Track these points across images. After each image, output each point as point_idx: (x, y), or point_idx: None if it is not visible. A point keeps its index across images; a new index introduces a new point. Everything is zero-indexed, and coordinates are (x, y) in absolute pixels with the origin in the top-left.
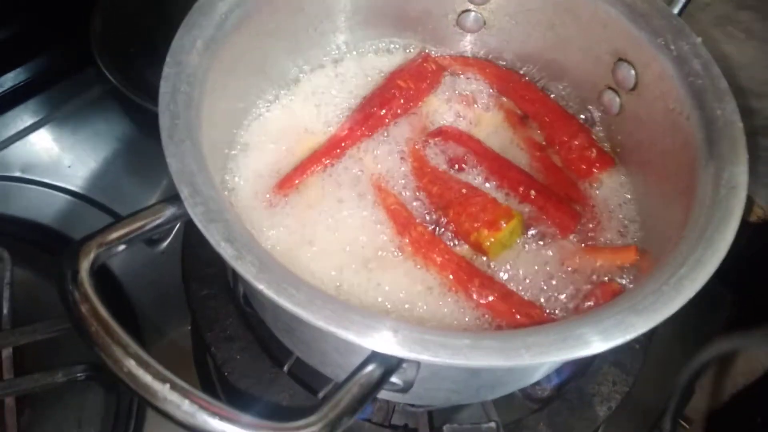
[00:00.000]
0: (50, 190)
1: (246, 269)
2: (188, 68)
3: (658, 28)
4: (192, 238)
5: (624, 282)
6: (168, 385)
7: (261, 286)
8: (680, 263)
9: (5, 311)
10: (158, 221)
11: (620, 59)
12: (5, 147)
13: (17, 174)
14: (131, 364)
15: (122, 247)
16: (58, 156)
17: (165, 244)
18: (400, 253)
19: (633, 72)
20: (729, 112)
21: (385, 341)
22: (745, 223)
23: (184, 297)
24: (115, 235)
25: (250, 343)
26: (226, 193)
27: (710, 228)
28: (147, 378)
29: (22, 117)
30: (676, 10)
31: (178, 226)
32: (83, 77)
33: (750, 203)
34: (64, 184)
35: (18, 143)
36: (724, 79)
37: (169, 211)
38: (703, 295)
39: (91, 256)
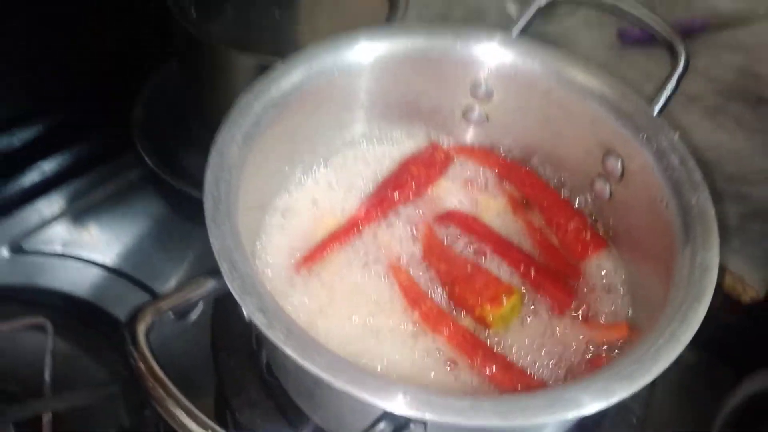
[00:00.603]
0: (87, 265)
1: (276, 336)
2: (229, 159)
3: (641, 125)
4: (221, 312)
5: (615, 354)
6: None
7: (288, 351)
8: (658, 336)
9: (47, 378)
10: (201, 292)
11: (608, 152)
12: (49, 224)
13: (59, 249)
14: (181, 414)
15: (171, 314)
16: (96, 233)
17: (193, 318)
18: (410, 325)
19: (620, 163)
20: (702, 201)
21: (396, 402)
22: (739, 304)
23: (204, 371)
24: (166, 304)
25: (271, 409)
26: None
27: (685, 305)
28: (193, 425)
29: (66, 197)
30: (656, 109)
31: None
32: (123, 161)
33: (743, 284)
34: (100, 259)
35: (61, 221)
36: (699, 171)
37: (210, 284)
38: (706, 375)
39: (147, 321)
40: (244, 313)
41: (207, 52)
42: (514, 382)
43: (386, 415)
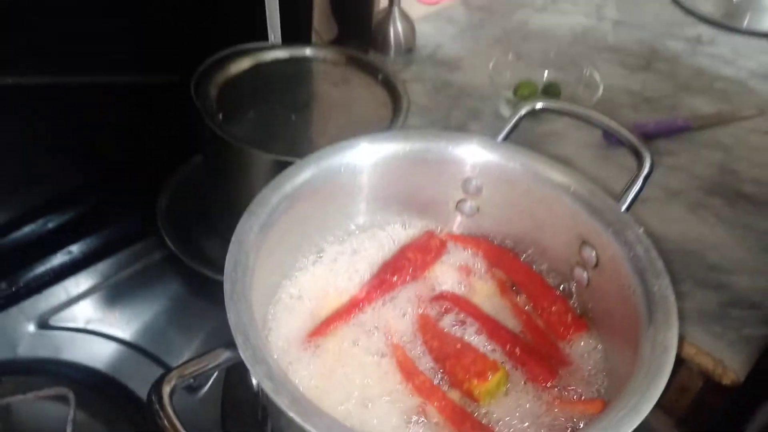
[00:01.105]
0: (109, 340)
1: (281, 401)
2: (246, 246)
3: (610, 220)
4: (230, 387)
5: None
6: None
7: (292, 414)
8: (621, 408)
9: None
10: (218, 361)
11: (584, 242)
12: (75, 302)
13: (82, 325)
14: None
15: (192, 380)
16: (118, 310)
17: (203, 392)
18: (404, 396)
19: (594, 253)
20: (664, 287)
21: None
22: (721, 387)
23: None
24: (188, 370)
25: None
26: (267, 337)
27: (647, 380)
28: None
29: (91, 277)
30: (623, 207)
31: (215, 375)
32: (146, 244)
33: (723, 368)
34: (120, 335)
35: (86, 298)
36: (661, 260)
37: (226, 355)
38: None
39: (172, 384)
40: (253, 380)
41: (230, 151)
42: None
43: None
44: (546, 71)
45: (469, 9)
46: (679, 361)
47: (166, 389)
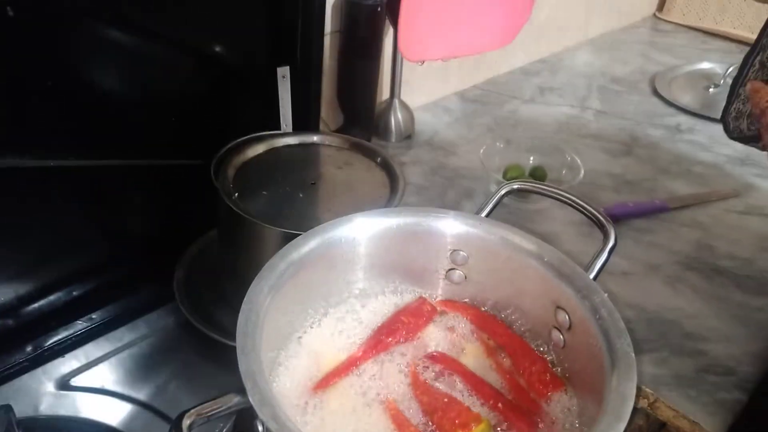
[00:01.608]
0: (124, 401)
1: None
2: (257, 306)
3: (579, 286)
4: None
5: None
6: None
7: None
8: None
9: None
10: (229, 405)
11: (558, 307)
12: (95, 365)
13: (100, 386)
14: None
15: (206, 420)
16: (134, 373)
17: None
18: None
19: (567, 317)
20: (625, 345)
21: None
22: None
23: None
24: (205, 410)
25: None
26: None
27: (609, 425)
28: None
29: (110, 342)
30: (592, 275)
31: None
32: (162, 312)
33: (700, 430)
34: (135, 395)
35: (105, 362)
36: (622, 321)
37: (236, 399)
38: None
39: (192, 420)
40: (261, 420)
41: (244, 225)
42: None
43: None
44: (532, 156)
45: (464, 100)
46: (659, 423)
47: (186, 423)
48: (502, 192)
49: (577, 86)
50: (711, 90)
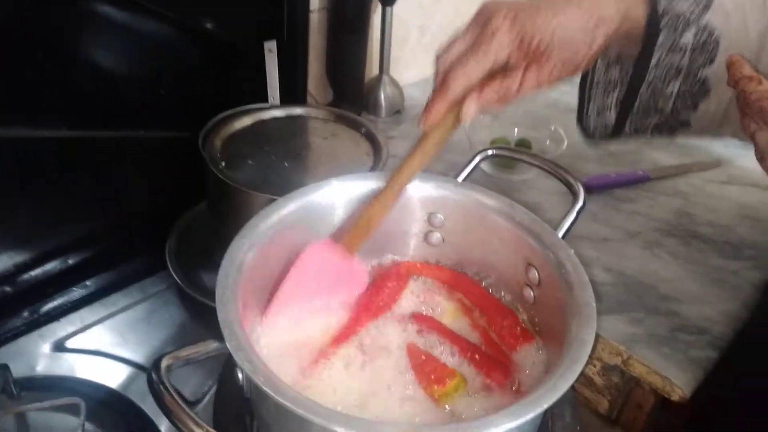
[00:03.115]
0: (118, 361)
1: (257, 378)
2: (237, 260)
3: (547, 243)
4: (222, 398)
5: None
6: None
7: (266, 389)
8: (543, 386)
9: None
10: (207, 350)
11: (529, 264)
12: (89, 328)
13: (95, 348)
14: (191, 423)
15: (183, 363)
16: (127, 335)
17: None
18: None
19: (537, 273)
20: (587, 296)
21: None
22: (670, 402)
23: None
24: (182, 354)
25: None
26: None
27: (565, 366)
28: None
29: (105, 307)
30: (561, 233)
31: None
32: (154, 279)
33: (672, 386)
34: (129, 356)
35: (99, 326)
36: (586, 274)
37: (214, 345)
38: None
39: (167, 363)
40: (237, 362)
41: (231, 192)
42: None
43: None
44: (516, 129)
45: None
46: (634, 380)
47: (163, 364)
48: (478, 159)
49: None
50: None
